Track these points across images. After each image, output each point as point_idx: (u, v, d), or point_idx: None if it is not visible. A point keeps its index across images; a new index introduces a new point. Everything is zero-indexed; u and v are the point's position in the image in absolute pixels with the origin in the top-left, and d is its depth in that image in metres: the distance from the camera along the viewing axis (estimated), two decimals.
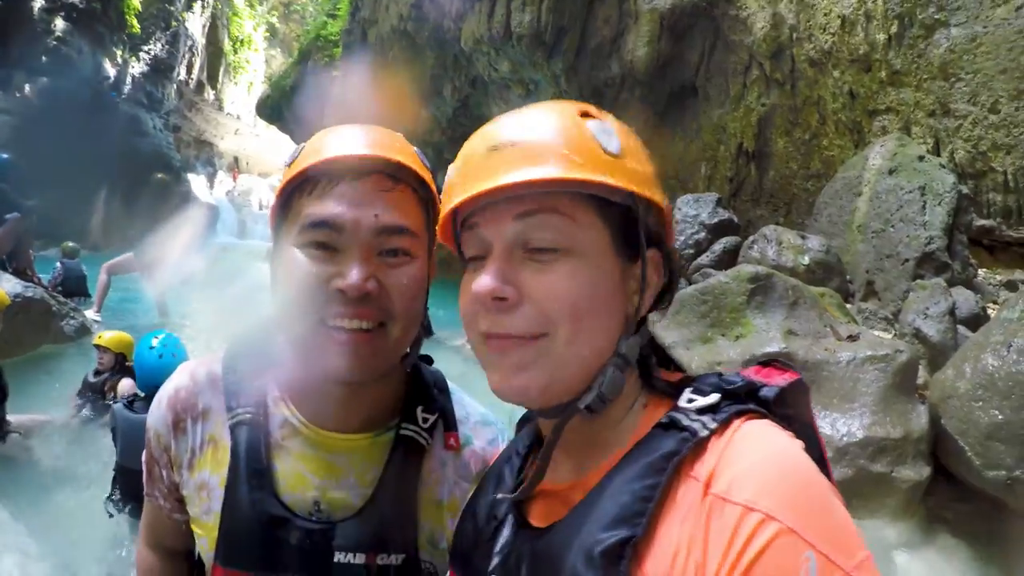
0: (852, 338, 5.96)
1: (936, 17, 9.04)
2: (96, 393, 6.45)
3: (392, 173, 1.17)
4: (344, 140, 1.18)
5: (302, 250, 1.14)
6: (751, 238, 8.38)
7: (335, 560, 1.18)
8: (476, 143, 0.98)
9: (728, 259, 8.61)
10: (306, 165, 1.16)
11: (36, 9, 20.55)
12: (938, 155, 8.80)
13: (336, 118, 1.27)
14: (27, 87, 20.25)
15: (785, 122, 11.45)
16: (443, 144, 19.09)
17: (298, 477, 1.23)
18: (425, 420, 1.30)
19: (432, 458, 1.30)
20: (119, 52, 23.39)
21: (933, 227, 7.43)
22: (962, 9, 8.87)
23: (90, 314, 9.75)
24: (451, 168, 1.00)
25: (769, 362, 0.98)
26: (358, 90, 19.29)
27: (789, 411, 0.91)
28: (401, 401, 1.31)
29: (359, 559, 1.18)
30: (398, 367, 1.27)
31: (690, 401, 0.91)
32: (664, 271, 1.00)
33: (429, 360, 1.39)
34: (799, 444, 0.84)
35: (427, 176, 1.23)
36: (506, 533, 1.02)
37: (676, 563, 0.80)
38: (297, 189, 1.18)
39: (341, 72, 19.84)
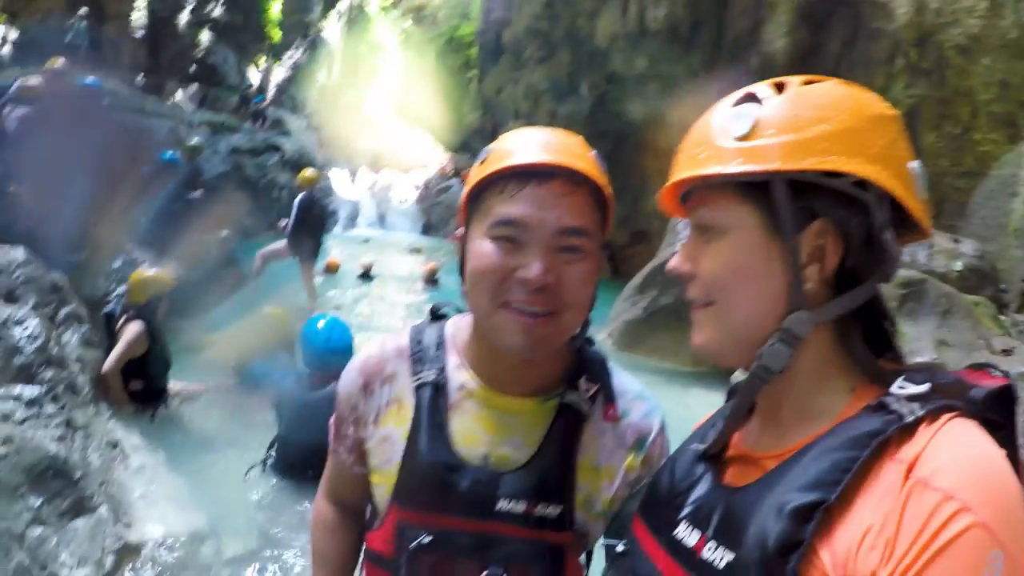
0: (1006, 352, 5.80)
1: None
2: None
3: (572, 178, 1.30)
4: (531, 146, 1.32)
5: (492, 242, 1.30)
6: None
7: (497, 508, 1.32)
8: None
9: None
10: (498, 167, 1.31)
11: (182, 24, 21.89)
12: None
13: (474, 116, 1.41)
14: (179, 93, 21.57)
15: (934, 115, 10.94)
16: None
17: (471, 433, 1.38)
18: (587, 390, 1.43)
19: (592, 426, 1.42)
20: (263, 59, 24.64)
21: None
22: None
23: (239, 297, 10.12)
24: None
25: (981, 366, 0.98)
26: (492, 91, 19.56)
27: (995, 417, 0.90)
28: (567, 373, 1.45)
29: (519, 507, 1.32)
30: (566, 345, 1.43)
31: (901, 388, 0.93)
32: (843, 241, 0.98)
33: (591, 342, 1.54)
34: (1002, 452, 0.86)
35: (602, 181, 1.35)
36: (702, 488, 1.09)
37: (867, 538, 0.83)
38: (488, 187, 1.33)
39: (478, 72, 20.14)
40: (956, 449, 0.83)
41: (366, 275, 14.46)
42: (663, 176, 1.15)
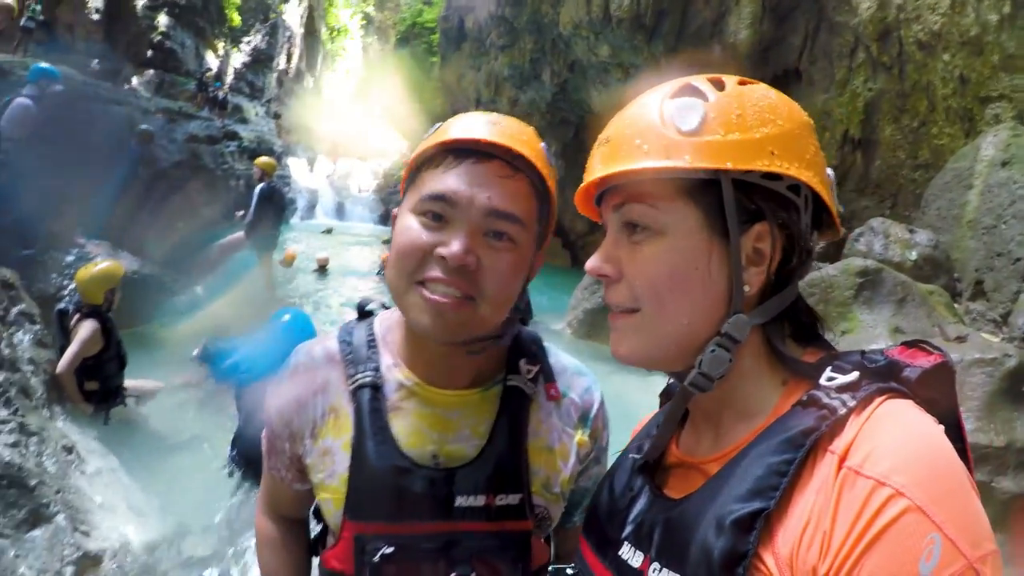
0: (960, 339, 5.82)
1: None
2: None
3: (512, 161, 1.25)
4: (474, 125, 1.26)
5: (417, 217, 1.24)
6: (858, 230, 8.23)
7: (456, 504, 1.28)
8: (602, 132, 1.06)
9: (833, 251, 8.45)
10: (435, 142, 1.26)
11: (140, 6, 21.43)
12: None
13: (435, 103, 1.35)
14: (135, 80, 21.14)
15: (893, 108, 11.08)
16: (543, 128, 19.03)
17: (416, 434, 1.33)
18: (528, 371, 1.40)
19: (539, 408, 1.39)
20: (221, 44, 24.23)
21: None
22: None
23: (200, 290, 10.20)
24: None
25: (915, 343, 0.97)
26: (454, 78, 19.49)
27: (932, 394, 0.90)
28: (504, 358, 1.42)
29: (479, 501, 1.28)
30: (497, 334, 1.37)
31: (830, 379, 0.91)
32: (782, 244, 0.98)
33: (525, 322, 1.50)
34: (940, 428, 0.85)
35: (546, 171, 1.30)
36: (641, 502, 1.06)
37: (805, 533, 0.82)
38: (426, 163, 1.28)
39: (439, 58, 20.06)
40: (887, 433, 0.82)
41: (322, 270, 14.53)
42: None
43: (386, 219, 22.19)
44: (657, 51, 14.25)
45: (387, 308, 1.52)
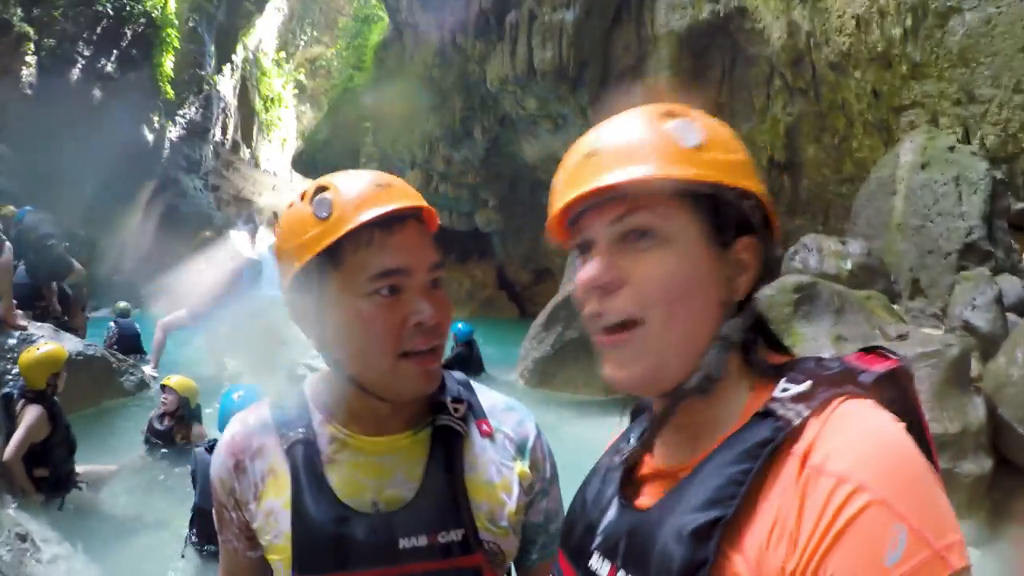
0: (901, 337, 5.98)
1: (949, 4, 9.02)
2: (162, 439, 6.71)
3: (419, 216, 1.32)
4: (374, 193, 1.29)
5: (370, 298, 1.26)
6: (792, 249, 8.40)
7: (400, 546, 1.28)
8: (576, 150, 1.06)
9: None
10: (361, 221, 1.25)
11: (73, 81, 21.21)
12: (968, 143, 8.81)
13: (371, 167, 1.38)
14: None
15: (813, 129, 11.49)
16: (479, 185, 19.33)
17: (353, 484, 1.34)
18: (456, 410, 1.41)
19: (472, 444, 1.41)
20: (156, 117, 24.03)
21: (972, 217, 7.45)
22: None
23: (148, 370, 9.92)
24: (557, 174, 1.08)
25: (872, 349, 0.98)
26: (388, 141, 19.59)
27: (891, 395, 0.91)
28: (433, 400, 1.42)
29: (421, 540, 1.28)
30: None
31: (784, 390, 0.93)
32: (761, 255, 1.03)
33: (449, 365, 1.54)
34: (899, 424, 0.86)
35: (432, 210, 1.37)
36: (611, 513, 1.07)
37: (772, 534, 0.83)
38: (346, 243, 1.26)
39: (372, 122, 20.17)
40: (846, 431, 0.84)
41: None
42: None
43: None
44: (582, 100, 14.62)
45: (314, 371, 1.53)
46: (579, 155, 1.03)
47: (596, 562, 1.04)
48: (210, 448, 4.72)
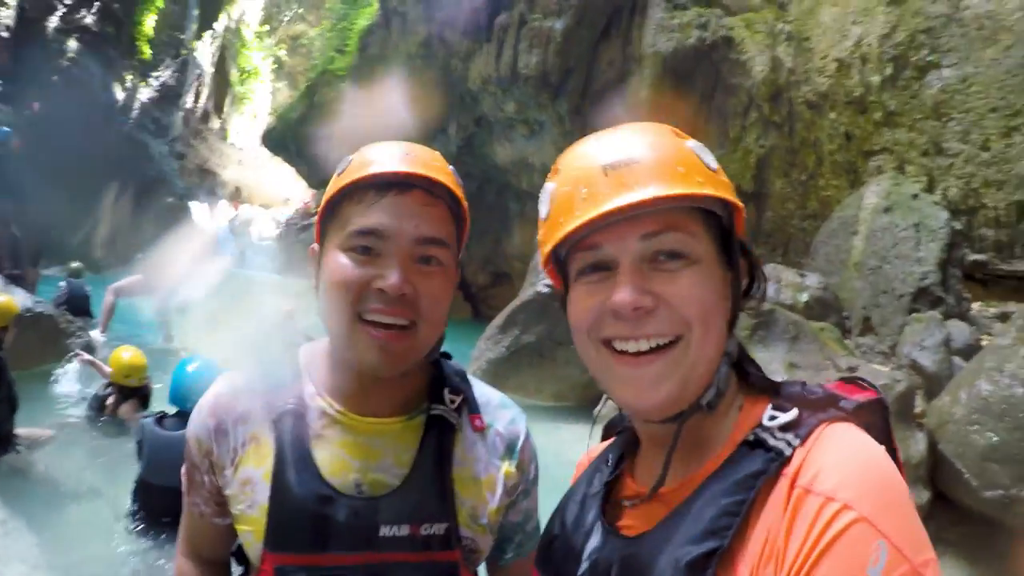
0: (851, 370, 6.15)
1: (929, 59, 9.50)
2: (100, 409, 6.58)
3: (431, 190, 1.29)
4: (390, 156, 1.29)
5: (347, 253, 1.27)
6: None
7: (380, 534, 1.26)
8: (585, 163, 1.03)
9: None
10: (356, 177, 1.28)
11: (50, 29, 20.75)
12: (931, 193, 9.16)
13: (343, 154, 1.39)
14: (36, 105, 20.36)
15: (783, 163, 11.77)
16: None
17: (339, 462, 1.30)
18: (452, 401, 1.39)
19: (464, 438, 1.39)
20: (129, 77, 23.56)
21: (927, 263, 7.70)
22: (954, 51, 9.36)
23: (95, 334, 9.79)
24: (557, 189, 1.06)
25: (852, 379, 1.03)
26: (365, 127, 19.43)
27: (868, 423, 0.96)
28: (429, 388, 1.41)
29: (403, 531, 1.26)
30: (424, 361, 1.39)
31: (772, 418, 0.96)
32: (748, 276, 1.08)
33: (448, 356, 1.50)
34: (880, 446, 0.90)
35: (460, 194, 1.35)
36: (595, 539, 1.06)
37: (764, 553, 0.86)
38: (346, 197, 1.30)
39: (348, 106, 19.99)
40: (833, 452, 0.88)
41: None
42: (526, 218, 1.06)
43: (286, 270, 21.63)
44: (561, 108, 14.68)
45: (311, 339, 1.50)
46: (593, 168, 1.01)
47: None
48: (159, 420, 4.66)
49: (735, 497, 0.90)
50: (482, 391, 1.49)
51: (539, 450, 1.53)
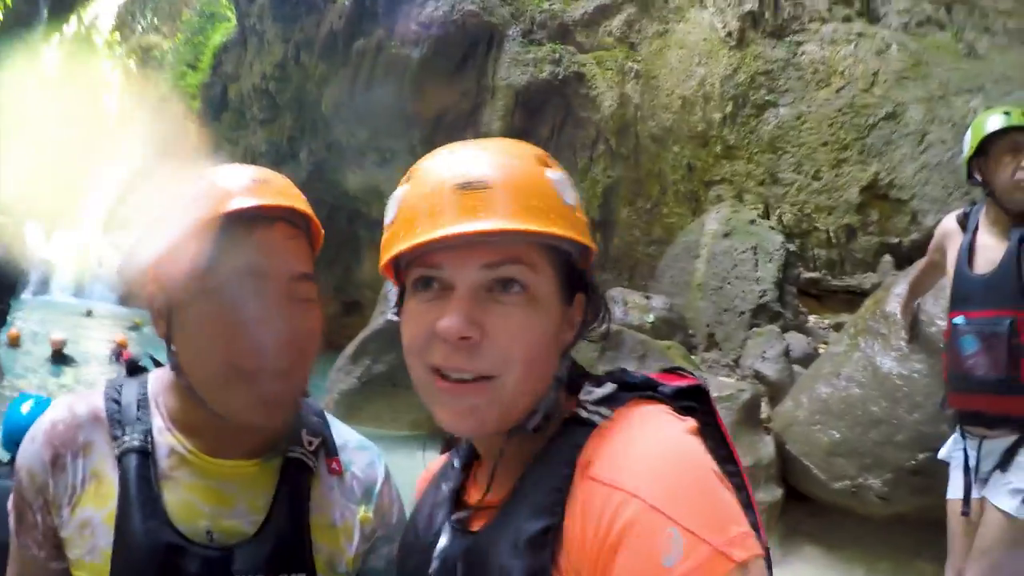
0: None
1: (767, 98, 10.39)
2: None
3: (293, 220, 1.20)
4: (246, 187, 1.18)
5: (207, 295, 1.16)
6: None
7: None
8: (438, 177, 0.97)
9: None
10: (219, 212, 1.15)
11: None
12: (768, 219, 9.98)
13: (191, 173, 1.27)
14: None
15: (629, 193, 12.33)
16: None
17: (188, 507, 1.19)
18: (310, 443, 1.30)
19: (320, 482, 1.29)
20: None
21: (765, 281, 8.32)
22: (790, 91, 10.27)
23: None
24: (405, 197, 1.00)
25: (673, 369, 1.03)
26: (211, 147, 18.87)
27: (688, 403, 0.95)
28: (285, 429, 1.30)
29: None
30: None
31: (588, 393, 0.96)
32: (590, 310, 1.06)
33: (307, 394, 1.39)
34: (686, 426, 0.88)
35: (318, 222, 1.27)
36: (445, 538, 1.05)
37: (575, 542, 0.84)
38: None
39: (197, 124, 19.37)
40: (623, 439, 0.87)
41: (59, 356, 12.39)
42: (377, 247, 1.06)
43: (128, 299, 20.44)
44: (414, 138, 14.79)
45: (160, 365, 1.35)
46: (445, 184, 0.95)
47: None
48: None
49: (560, 471, 0.89)
50: (340, 432, 1.39)
51: (401, 481, 1.44)
